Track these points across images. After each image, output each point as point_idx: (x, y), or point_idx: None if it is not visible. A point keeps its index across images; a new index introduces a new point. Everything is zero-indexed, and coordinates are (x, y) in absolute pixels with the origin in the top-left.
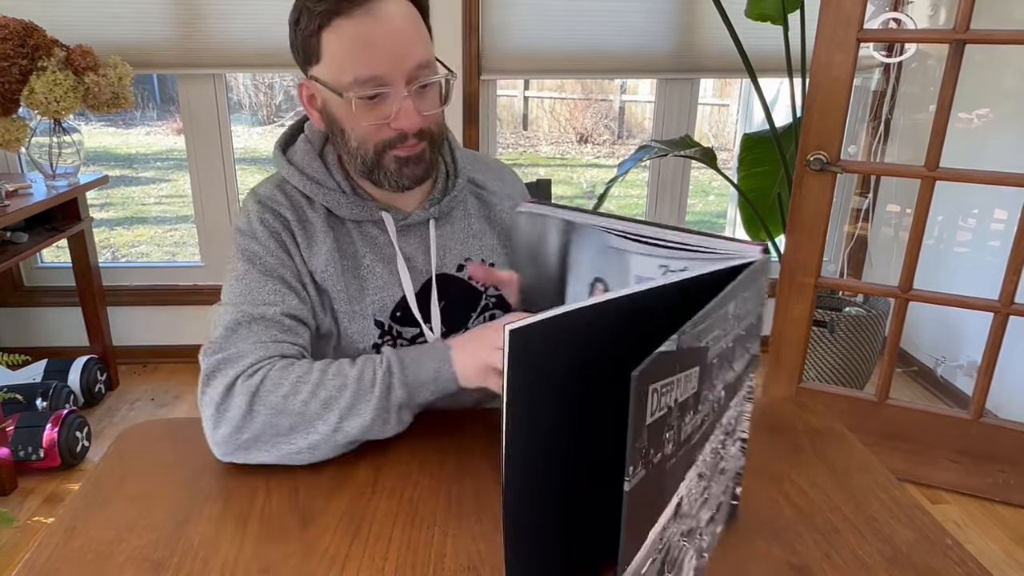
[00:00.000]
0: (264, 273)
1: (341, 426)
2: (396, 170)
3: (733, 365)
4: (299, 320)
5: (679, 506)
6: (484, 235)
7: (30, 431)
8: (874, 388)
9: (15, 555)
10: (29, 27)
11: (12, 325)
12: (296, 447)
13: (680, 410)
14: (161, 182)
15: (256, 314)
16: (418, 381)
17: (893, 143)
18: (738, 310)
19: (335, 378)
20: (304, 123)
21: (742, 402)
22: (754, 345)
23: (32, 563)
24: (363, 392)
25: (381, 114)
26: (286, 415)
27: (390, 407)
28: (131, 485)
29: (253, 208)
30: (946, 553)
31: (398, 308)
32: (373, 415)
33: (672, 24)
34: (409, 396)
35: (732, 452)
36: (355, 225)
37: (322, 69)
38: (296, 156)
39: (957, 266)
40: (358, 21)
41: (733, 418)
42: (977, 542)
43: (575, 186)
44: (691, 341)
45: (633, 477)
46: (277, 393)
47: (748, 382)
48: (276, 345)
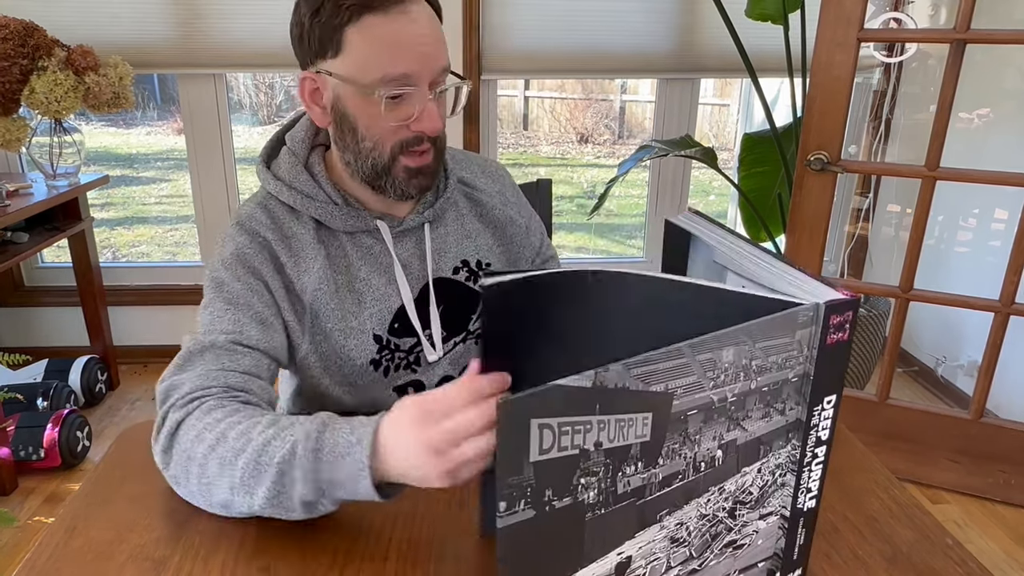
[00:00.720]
0: (228, 302)
1: (232, 500)
2: (405, 179)
3: (743, 424)
4: (254, 348)
5: (627, 567)
6: (479, 235)
7: (31, 431)
8: (875, 388)
9: (16, 555)
10: (30, 27)
11: (13, 325)
12: (208, 500)
13: (611, 457)
14: (162, 182)
15: (207, 343)
16: (333, 479)
17: (893, 143)
18: (750, 360)
19: (238, 439)
20: (285, 134)
21: (780, 473)
22: (796, 409)
23: (33, 563)
24: (261, 468)
25: (403, 114)
26: (194, 463)
27: (291, 500)
28: (132, 485)
29: (231, 232)
30: (946, 553)
31: (396, 319)
32: (265, 501)
33: (672, 24)
34: (317, 493)
35: (760, 528)
36: (348, 236)
37: (341, 64)
38: (281, 169)
39: (958, 266)
40: (392, 19)
41: (758, 487)
42: (977, 542)
43: (575, 186)
44: (623, 381)
45: (508, 514)
46: (187, 436)
47: (789, 450)
48: (219, 373)
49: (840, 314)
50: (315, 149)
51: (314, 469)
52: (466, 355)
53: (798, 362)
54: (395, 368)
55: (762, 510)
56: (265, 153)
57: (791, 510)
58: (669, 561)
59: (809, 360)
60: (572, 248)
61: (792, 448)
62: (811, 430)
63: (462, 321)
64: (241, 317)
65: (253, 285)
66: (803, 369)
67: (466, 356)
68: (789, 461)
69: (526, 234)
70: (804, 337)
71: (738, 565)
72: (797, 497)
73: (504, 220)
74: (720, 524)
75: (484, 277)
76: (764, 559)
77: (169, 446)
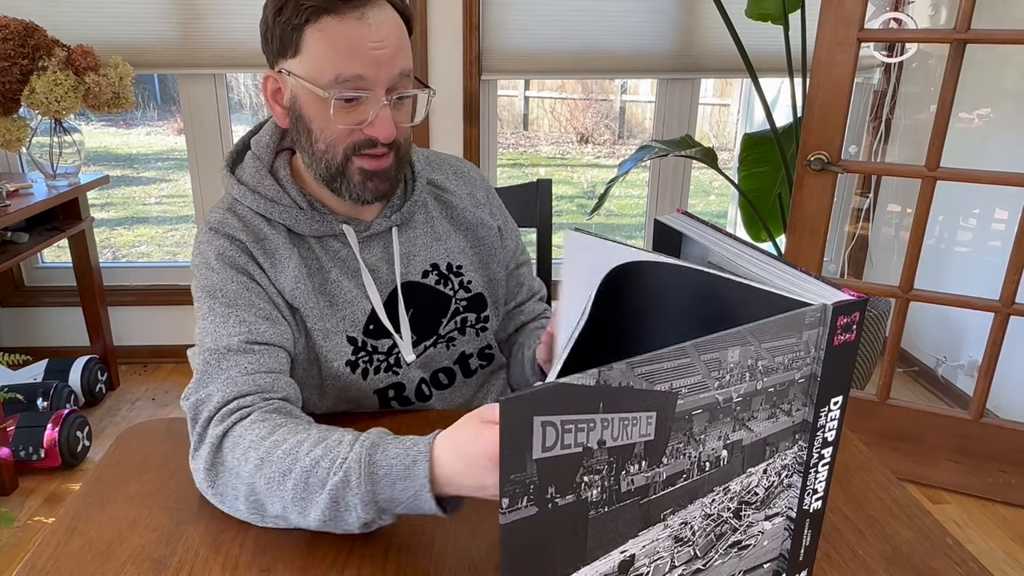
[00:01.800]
0: (228, 304)
1: (287, 516)
2: (360, 182)
3: (749, 425)
4: (269, 344)
5: (631, 566)
6: (448, 237)
7: (31, 431)
8: (875, 388)
9: (16, 555)
10: (30, 27)
11: (13, 325)
12: (262, 515)
13: (614, 455)
14: (162, 182)
15: (221, 348)
16: (393, 498)
17: (894, 143)
18: (756, 361)
19: (284, 458)
20: (250, 139)
21: (786, 474)
22: (802, 410)
23: (33, 563)
24: (311, 490)
25: (356, 118)
26: (242, 482)
27: (346, 523)
28: (132, 485)
29: (205, 239)
30: (946, 553)
31: (370, 321)
32: (319, 523)
33: (672, 24)
34: (376, 513)
35: (767, 528)
36: (317, 241)
37: (299, 63)
38: (246, 175)
39: (958, 266)
40: (348, 22)
41: (763, 488)
42: (977, 542)
43: (575, 186)
44: (627, 380)
45: (511, 511)
46: (233, 455)
47: (795, 451)
48: (246, 378)
49: (847, 315)
50: (281, 153)
51: (371, 491)
52: (437, 359)
53: (805, 363)
54: (374, 371)
55: (768, 511)
56: (230, 158)
57: (797, 511)
58: (673, 560)
59: (816, 361)
60: None
61: (799, 449)
62: (818, 431)
63: (432, 325)
64: (246, 316)
65: (247, 283)
66: (810, 370)
67: (437, 360)
68: (796, 462)
69: (499, 237)
70: (811, 338)
71: (743, 565)
72: (803, 498)
73: (475, 222)
74: (725, 524)
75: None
76: (770, 560)
77: (213, 463)
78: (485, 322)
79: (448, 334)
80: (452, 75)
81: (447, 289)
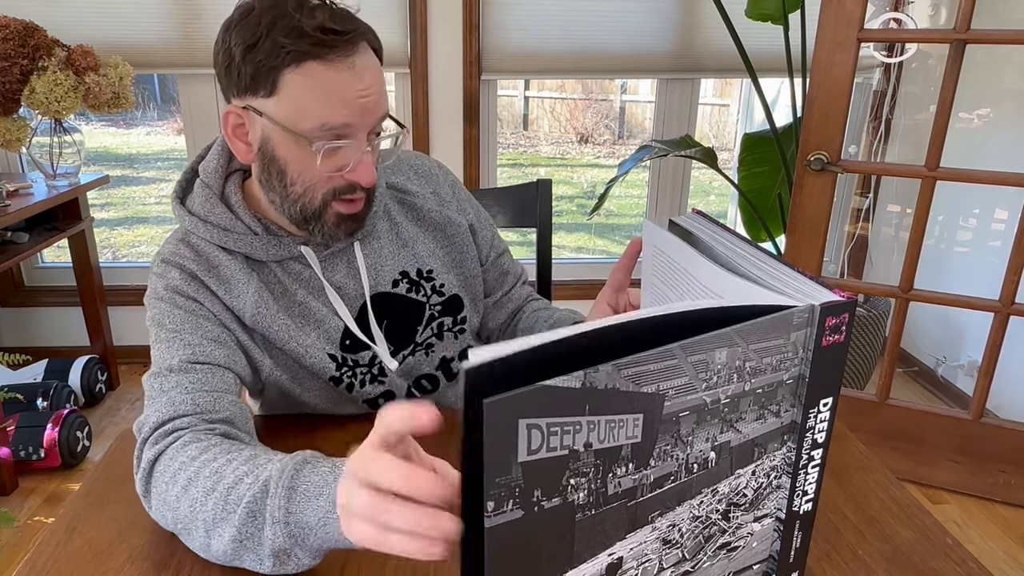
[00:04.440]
0: (173, 330)
1: (209, 543)
2: (334, 225)
3: (737, 427)
4: (214, 364)
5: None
6: (416, 241)
7: (31, 431)
8: (875, 388)
9: (15, 555)
10: (30, 27)
11: (12, 325)
12: (192, 544)
13: (601, 458)
14: (162, 182)
15: (164, 369)
16: (303, 522)
17: (894, 143)
18: (744, 362)
19: (209, 478)
20: (198, 166)
21: (775, 476)
22: (791, 411)
23: (33, 563)
24: (229, 507)
25: (337, 163)
26: (168, 508)
27: (261, 545)
28: (132, 485)
29: (158, 271)
30: (946, 553)
31: (345, 337)
32: (232, 543)
33: (672, 24)
34: (289, 539)
35: (756, 530)
36: (277, 264)
37: (275, 105)
38: (196, 205)
39: (958, 266)
40: (336, 69)
41: (752, 490)
42: (977, 542)
43: (575, 186)
44: (613, 382)
45: (496, 514)
46: (162, 479)
47: (784, 452)
48: (185, 396)
49: (836, 316)
50: (231, 177)
51: (285, 509)
52: (418, 367)
53: (793, 364)
54: (359, 384)
55: (757, 512)
56: (179, 188)
57: (787, 513)
58: (661, 563)
59: (804, 362)
60: (572, 248)
61: (787, 451)
62: (807, 432)
63: (408, 334)
64: (191, 339)
65: (195, 310)
66: (798, 371)
67: (418, 367)
68: (784, 463)
69: (470, 232)
70: (799, 339)
71: (732, 567)
72: (793, 500)
73: (442, 221)
74: (713, 526)
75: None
76: (759, 561)
77: (146, 489)
78: (463, 323)
79: (425, 341)
80: (452, 75)
81: (419, 296)
